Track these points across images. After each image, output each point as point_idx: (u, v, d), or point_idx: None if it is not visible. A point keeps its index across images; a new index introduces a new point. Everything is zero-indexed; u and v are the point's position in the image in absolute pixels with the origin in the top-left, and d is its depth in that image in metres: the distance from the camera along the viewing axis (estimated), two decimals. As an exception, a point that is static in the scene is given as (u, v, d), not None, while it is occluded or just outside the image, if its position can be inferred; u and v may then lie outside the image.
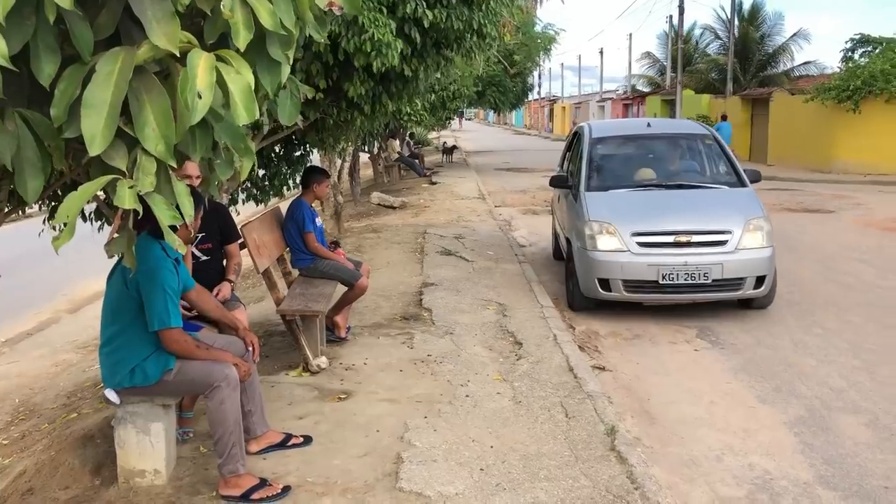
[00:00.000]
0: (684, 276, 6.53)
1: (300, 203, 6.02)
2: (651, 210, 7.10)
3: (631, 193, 7.51)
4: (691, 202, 7.32)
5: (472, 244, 10.70)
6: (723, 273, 6.59)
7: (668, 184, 7.69)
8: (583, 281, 6.99)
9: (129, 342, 3.54)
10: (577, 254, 7.11)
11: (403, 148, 24.95)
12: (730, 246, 6.69)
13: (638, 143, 8.66)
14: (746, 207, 7.09)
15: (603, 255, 6.79)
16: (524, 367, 5.47)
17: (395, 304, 7.34)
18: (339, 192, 11.59)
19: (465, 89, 19.87)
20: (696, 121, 9.60)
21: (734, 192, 7.51)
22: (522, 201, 16.95)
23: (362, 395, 4.96)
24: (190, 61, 2.03)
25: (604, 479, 3.77)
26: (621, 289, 6.72)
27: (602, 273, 6.77)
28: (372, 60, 4.54)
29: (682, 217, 6.89)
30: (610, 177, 7.89)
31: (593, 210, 7.08)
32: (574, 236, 7.31)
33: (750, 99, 29.02)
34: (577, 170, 7.99)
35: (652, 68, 44.48)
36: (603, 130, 8.71)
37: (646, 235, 6.75)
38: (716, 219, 6.91)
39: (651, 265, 6.61)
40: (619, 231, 6.78)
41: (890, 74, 20.58)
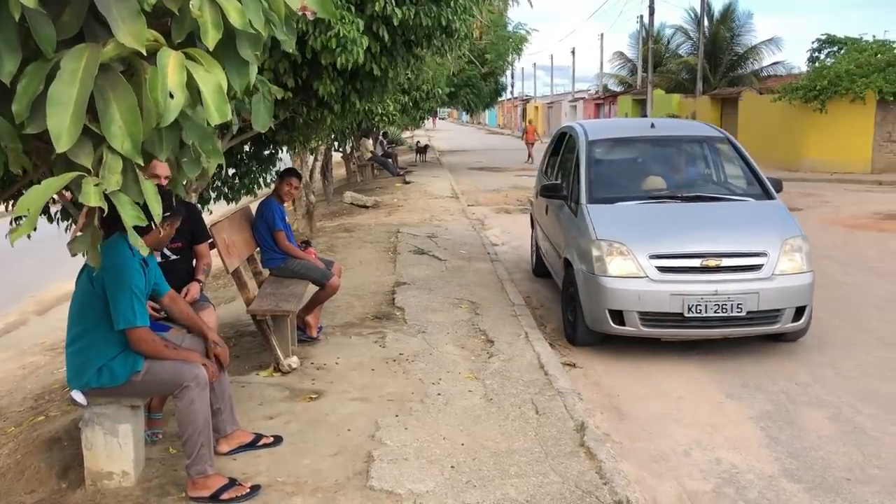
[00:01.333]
0: (714, 307, 5.47)
1: (270, 202, 6.00)
2: (669, 227, 6.01)
3: (642, 207, 6.37)
4: (715, 218, 6.21)
5: (444, 243, 10.73)
6: (758, 304, 5.54)
7: (684, 195, 6.56)
8: (589, 311, 5.86)
9: (96, 342, 3.50)
10: (582, 279, 5.96)
11: (377, 147, 24.91)
12: (765, 271, 5.64)
13: (642, 146, 7.47)
14: (781, 224, 6.06)
15: (615, 282, 5.67)
16: (495, 365, 5.50)
17: (368, 303, 7.33)
18: (311, 191, 11.55)
19: (438, 89, 19.85)
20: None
21: (762, 205, 6.43)
22: (495, 200, 17.00)
23: (334, 395, 4.95)
24: (160, 60, 2.03)
25: (573, 474, 3.81)
26: (638, 322, 5.61)
27: (615, 303, 5.65)
28: (337, 57, 4.54)
29: (707, 236, 5.83)
30: (615, 186, 6.78)
31: (600, 226, 5.94)
32: (575, 257, 6.15)
33: (719, 98, 29.41)
34: (572, 178, 6.83)
35: (623, 68, 44.90)
36: (600, 131, 7.45)
37: (667, 258, 5.66)
38: (748, 238, 5.86)
39: (675, 294, 5.52)
40: (634, 252, 5.68)
41: (854, 74, 20.96)
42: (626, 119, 21.13)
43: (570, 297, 6.34)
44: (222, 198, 6.80)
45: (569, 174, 7.08)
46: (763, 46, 35.12)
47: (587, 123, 7.83)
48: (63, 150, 1.89)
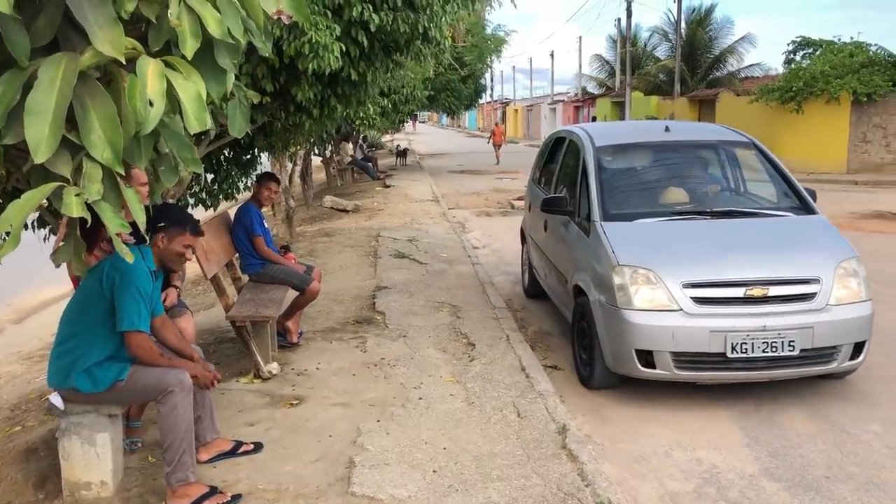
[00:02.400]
0: (762, 345, 4.63)
1: (248, 207, 5.98)
2: (703, 249, 5.13)
3: (666, 225, 5.45)
4: (755, 237, 5.30)
5: (425, 246, 10.73)
6: (813, 340, 4.70)
7: (713, 210, 5.67)
8: (611, 351, 4.97)
9: (90, 342, 3.49)
10: (600, 311, 5.06)
11: (357, 151, 24.87)
12: (818, 301, 4.79)
13: (657, 153, 6.51)
14: (831, 244, 5.22)
15: (643, 316, 4.77)
16: (477, 368, 5.51)
17: (349, 307, 7.32)
18: (290, 196, 11.51)
19: (417, 93, 19.90)
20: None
21: (804, 221, 5.58)
22: (476, 203, 17.03)
23: (314, 401, 4.94)
24: (139, 68, 2.02)
25: (555, 476, 3.82)
26: (671, 364, 4.73)
27: (643, 342, 4.76)
28: (309, 63, 4.54)
29: (750, 259, 4.96)
30: (631, 200, 5.91)
31: (621, 249, 5.06)
32: (591, 285, 5.25)
33: (697, 100, 29.72)
34: (579, 191, 5.93)
35: (602, 71, 45.18)
36: (608, 137, 6.51)
37: (705, 287, 4.79)
38: (796, 261, 5.01)
39: (716, 331, 4.63)
40: (665, 280, 4.80)
41: (829, 76, 21.25)
42: (635, 122, 18.98)
43: (581, 330, 5.46)
44: (200, 204, 6.76)
45: (573, 186, 6.17)
46: (739, 46, 35.48)
47: (590, 128, 6.93)
48: (41, 161, 1.88)
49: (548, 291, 7.01)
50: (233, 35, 2.20)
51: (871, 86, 20.99)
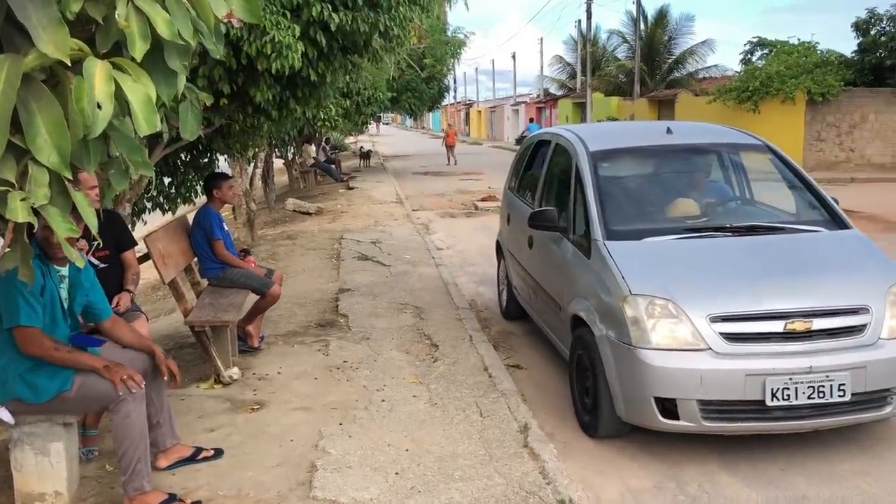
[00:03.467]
0: (808, 390, 3.86)
1: (207, 210, 5.90)
2: (731, 273, 4.35)
3: (682, 244, 4.67)
4: (788, 258, 4.52)
5: (389, 248, 10.71)
6: (865, 383, 3.95)
7: (733, 226, 4.89)
8: (622, 397, 4.16)
9: (11, 348, 3.40)
10: (609, 350, 4.23)
11: (319, 153, 24.74)
12: (869, 334, 4.03)
13: (661, 158, 5.72)
14: (876, 265, 4.50)
15: (663, 357, 3.97)
16: (440, 369, 5.51)
17: (311, 311, 7.27)
18: (251, 199, 11.41)
19: (380, 94, 19.85)
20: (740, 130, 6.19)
21: (838, 237, 4.82)
22: (440, 205, 17.04)
23: (276, 405, 4.89)
24: (86, 70, 1.98)
25: (517, 475, 3.84)
26: (697, 415, 3.93)
27: (664, 388, 3.96)
28: (272, 63, 4.51)
29: (787, 286, 4.20)
30: (637, 215, 5.16)
31: (632, 274, 4.26)
32: (595, 316, 4.41)
33: (656, 101, 30.11)
34: (573, 203, 5.16)
35: (563, 72, 45.57)
36: (603, 140, 5.64)
37: (737, 320, 4.01)
38: (841, 287, 4.27)
39: (753, 374, 3.86)
40: (688, 312, 4.01)
41: (785, 76, 21.68)
42: (629, 123, 17.68)
43: (583, 369, 4.63)
44: (158, 208, 6.67)
45: (564, 197, 5.40)
46: (698, 48, 36.08)
47: (581, 130, 6.06)
48: (-15, 165, 1.84)
49: (534, 317, 6.17)
50: (183, 36, 2.18)
51: (825, 85, 21.48)
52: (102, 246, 4.55)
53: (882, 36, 22.43)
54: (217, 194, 5.96)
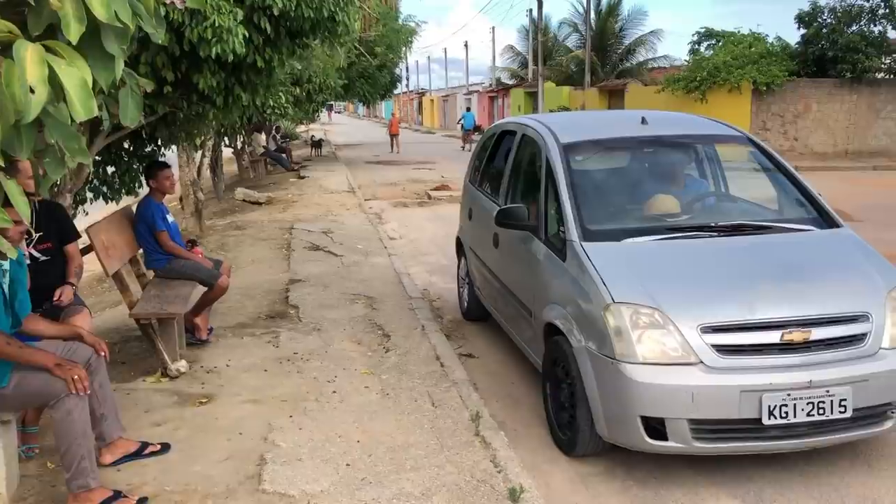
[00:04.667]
0: (807, 407, 3.57)
1: (148, 201, 5.76)
2: (721, 278, 4.02)
3: (666, 246, 4.32)
4: (780, 261, 4.16)
5: (341, 238, 10.62)
6: (867, 397, 3.66)
7: (719, 225, 4.56)
8: (604, 415, 3.81)
9: None
10: (589, 364, 3.87)
11: (270, 142, 24.41)
12: (870, 344, 3.74)
13: (637, 151, 5.33)
14: (873, 267, 4.16)
15: (650, 372, 3.63)
16: (392, 360, 5.49)
17: (261, 302, 7.17)
18: (199, 188, 11.19)
19: (331, 81, 19.63)
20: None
21: (831, 237, 4.50)
22: (393, 194, 16.95)
23: (224, 398, 4.81)
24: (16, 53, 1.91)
25: (468, 464, 3.84)
26: (688, 435, 3.61)
27: (652, 407, 3.62)
28: (213, 48, 4.40)
29: (783, 292, 3.87)
30: (615, 214, 4.79)
31: (614, 280, 3.91)
32: (573, 326, 4.04)
33: (607, 90, 30.43)
34: (545, 201, 4.77)
35: (515, 61, 45.72)
36: (573, 131, 5.21)
37: (730, 331, 3.69)
38: (838, 292, 3.96)
39: (748, 391, 3.55)
40: (677, 323, 3.68)
41: (731, 66, 22.07)
42: (602, 112, 16.59)
43: (556, 382, 4.29)
44: (101, 197, 6.48)
45: (533, 193, 5.05)
46: (648, 38, 36.55)
47: (550, 120, 5.64)
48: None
49: (500, 321, 5.79)
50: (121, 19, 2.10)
51: (770, 75, 21.94)
52: (44, 238, 4.41)
53: (824, 28, 22.97)
54: (154, 184, 5.79)
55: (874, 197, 14.42)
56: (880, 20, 22.62)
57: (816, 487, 3.77)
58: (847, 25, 22.62)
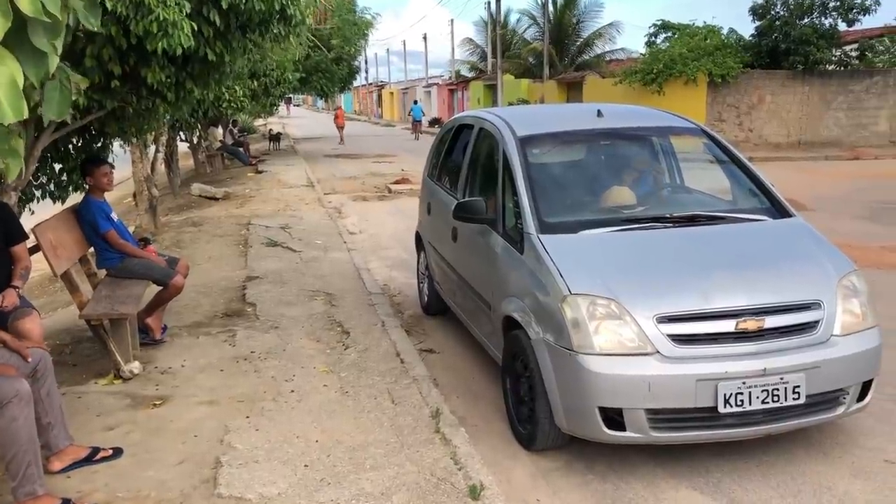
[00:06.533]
0: (762, 394, 3.63)
1: (87, 201, 5.58)
2: (677, 269, 4.03)
3: (622, 237, 4.33)
4: (734, 250, 4.25)
5: (299, 234, 10.50)
6: (820, 383, 3.75)
7: (673, 215, 4.60)
8: (563, 407, 3.82)
9: None
10: (547, 356, 3.88)
11: (227, 136, 24.06)
12: (822, 331, 3.82)
13: (594, 144, 5.36)
14: (825, 256, 4.22)
15: (608, 363, 3.65)
16: (352, 357, 5.42)
17: (217, 300, 7.04)
18: (153, 184, 10.96)
19: (288, 75, 19.41)
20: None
21: (784, 226, 4.55)
22: (352, 188, 16.83)
23: (179, 400, 4.71)
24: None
25: (428, 462, 3.80)
26: (645, 425, 3.64)
27: (609, 398, 3.65)
28: (159, 42, 4.28)
29: (737, 281, 3.91)
30: (571, 206, 4.77)
31: (571, 272, 3.91)
32: (531, 318, 4.04)
33: (565, 83, 30.58)
34: (502, 194, 4.79)
35: (474, 54, 45.68)
36: (529, 124, 5.22)
37: (686, 321, 3.71)
38: (791, 281, 4.00)
39: (704, 379, 3.59)
40: (633, 313, 3.71)
41: (687, 58, 22.31)
42: (559, 105, 16.73)
43: (516, 376, 4.30)
44: (49, 196, 6.29)
45: (491, 187, 5.05)
46: (606, 31, 36.80)
47: (506, 113, 5.61)
48: None
49: (460, 316, 5.76)
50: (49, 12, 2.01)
51: (725, 67, 22.24)
52: None
53: (777, 21, 23.34)
54: (91, 181, 5.61)
55: (826, 187, 14.71)
56: (831, 13, 23.05)
57: (773, 476, 3.80)
58: (799, 18, 23.02)
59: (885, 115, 23.82)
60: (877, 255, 8.51)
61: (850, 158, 20.77)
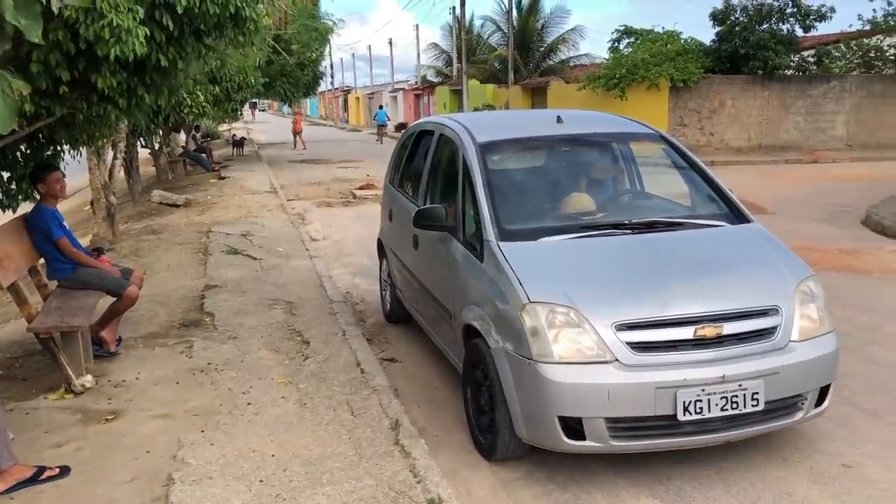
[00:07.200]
0: (721, 402, 3.62)
1: (39, 209, 5.44)
2: (635, 275, 3.99)
3: (581, 244, 4.29)
4: (693, 256, 4.26)
5: (260, 241, 10.35)
6: (778, 389, 3.75)
7: (632, 222, 4.58)
8: (523, 417, 3.78)
9: None
10: (507, 365, 3.83)
11: (189, 142, 23.73)
12: (780, 337, 3.82)
13: (553, 150, 5.30)
14: (782, 261, 4.23)
15: (567, 372, 3.62)
16: (311, 367, 5.33)
17: (174, 310, 6.89)
18: (111, 192, 10.72)
19: (251, 80, 19.18)
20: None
21: (742, 232, 4.55)
22: (317, 194, 16.68)
23: (132, 414, 4.59)
24: None
25: (387, 475, 3.74)
26: (605, 434, 3.61)
27: (569, 407, 3.61)
28: (111, 48, 4.16)
29: (695, 288, 3.90)
30: (531, 213, 4.70)
31: (530, 280, 3.87)
32: (491, 326, 3.99)
33: (530, 88, 30.72)
34: (462, 201, 4.73)
35: (439, 59, 45.74)
36: (489, 130, 5.19)
37: (644, 328, 3.69)
38: (749, 287, 4.00)
39: (663, 387, 3.57)
40: (592, 321, 3.67)
41: (650, 63, 22.52)
42: (519, 112, 16.43)
43: (476, 386, 4.23)
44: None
45: (451, 194, 5.00)
46: (570, 36, 37.10)
47: (466, 119, 5.57)
48: None
49: (422, 324, 5.72)
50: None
51: (686, 73, 22.49)
52: None
53: (736, 26, 23.66)
54: (43, 188, 5.48)
55: (786, 190, 14.93)
56: (788, 19, 23.44)
57: (734, 483, 3.80)
58: (758, 24, 23.36)
59: (842, 120, 24.29)
60: (835, 257, 8.63)
61: (809, 162, 21.15)
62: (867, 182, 15.19)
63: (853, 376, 5.02)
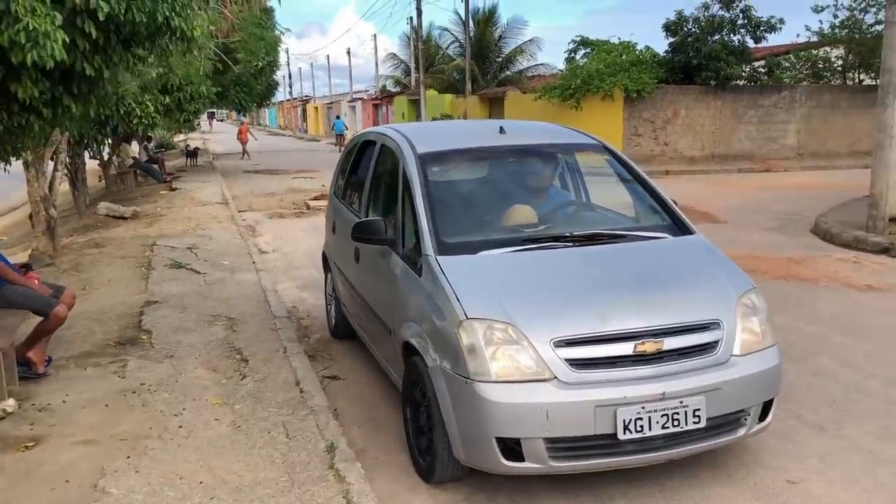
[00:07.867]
0: (662, 419, 3.52)
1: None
2: (574, 290, 3.90)
3: (520, 257, 4.15)
4: (633, 269, 4.14)
5: (206, 254, 10.09)
6: (720, 405, 3.66)
7: (573, 234, 4.48)
8: (460, 438, 3.63)
9: None
10: (444, 384, 3.69)
11: (141, 152, 23.27)
12: (722, 352, 3.74)
13: (495, 161, 5.17)
14: (724, 273, 4.17)
15: (504, 391, 3.48)
16: (248, 387, 5.15)
17: (111, 327, 6.63)
18: (51, 205, 10.37)
19: (203, 89, 18.86)
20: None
21: (683, 244, 4.49)
22: (269, 205, 16.42)
23: (55, 440, 4.36)
24: None
25: (320, 502, 3.59)
26: (544, 455, 3.49)
27: (507, 427, 3.48)
28: (27, 54, 3.96)
29: (635, 302, 3.79)
30: (471, 225, 4.58)
31: (468, 295, 3.73)
32: (428, 344, 3.86)
33: (487, 98, 30.81)
34: (402, 213, 4.60)
35: (398, 69, 45.67)
36: (430, 141, 5.07)
37: (583, 344, 3.57)
38: (690, 300, 3.93)
39: (603, 405, 3.47)
40: (530, 337, 3.55)
41: (604, 74, 22.67)
42: (462, 122, 16.16)
43: (416, 405, 4.10)
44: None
45: (391, 206, 4.89)
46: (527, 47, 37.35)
47: (407, 129, 5.42)
48: None
49: (364, 340, 5.58)
50: None
51: (640, 83, 22.68)
52: None
53: (689, 37, 23.96)
54: None
55: (738, 198, 15.10)
56: (739, 30, 23.81)
57: (677, 501, 3.72)
58: (710, 35, 23.68)
59: (793, 129, 24.73)
60: (784, 266, 8.68)
61: (762, 171, 21.47)
62: (816, 190, 15.43)
63: (799, 388, 5.00)
